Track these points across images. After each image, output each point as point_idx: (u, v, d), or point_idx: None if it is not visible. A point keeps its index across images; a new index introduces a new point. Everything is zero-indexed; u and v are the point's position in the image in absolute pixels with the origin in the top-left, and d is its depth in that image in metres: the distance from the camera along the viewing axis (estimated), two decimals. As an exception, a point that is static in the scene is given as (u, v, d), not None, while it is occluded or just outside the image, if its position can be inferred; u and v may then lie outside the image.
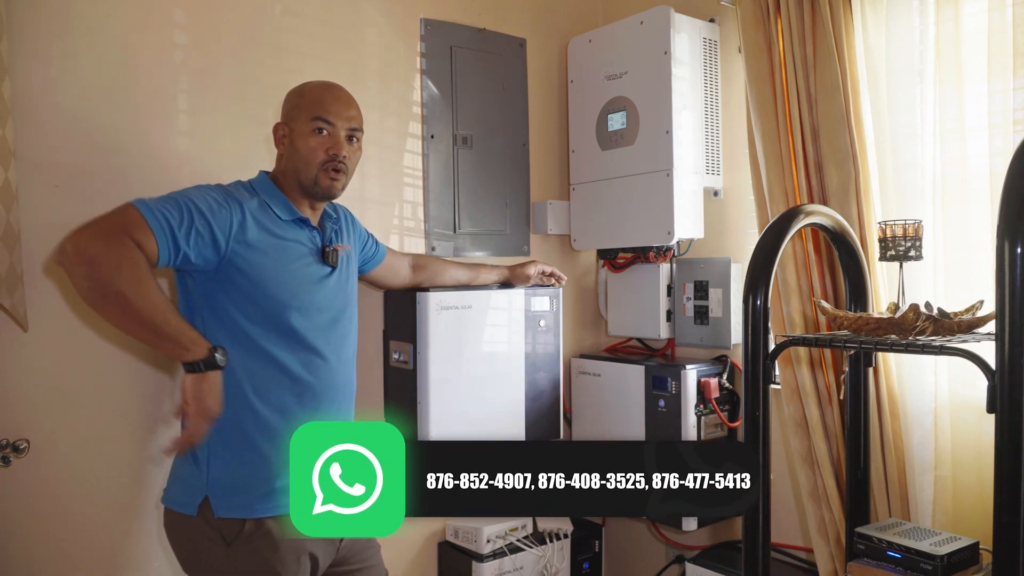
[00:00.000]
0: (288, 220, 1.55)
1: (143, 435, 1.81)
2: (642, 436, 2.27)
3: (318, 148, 1.54)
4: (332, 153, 1.55)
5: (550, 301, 2.29)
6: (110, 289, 1.32)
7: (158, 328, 1.36)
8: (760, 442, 1.46)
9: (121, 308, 1.34)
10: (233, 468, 1.46)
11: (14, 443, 1.62)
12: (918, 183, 1.80)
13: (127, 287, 1.32)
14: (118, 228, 1.33)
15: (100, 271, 1.31)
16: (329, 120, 1.55)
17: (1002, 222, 1.16)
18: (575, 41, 2.50)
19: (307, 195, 1.59)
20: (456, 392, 2.09)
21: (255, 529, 1.45)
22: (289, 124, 1.58)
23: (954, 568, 1.42)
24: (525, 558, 2.25)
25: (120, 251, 1.32)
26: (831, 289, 1.95)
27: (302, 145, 1.55)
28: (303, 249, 1.56)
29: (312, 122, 1.54)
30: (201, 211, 1.41)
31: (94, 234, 1.32)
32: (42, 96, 1.67)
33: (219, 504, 1.45)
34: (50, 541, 1.69)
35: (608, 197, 2.38)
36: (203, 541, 1.46)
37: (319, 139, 1.55)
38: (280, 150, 1.60)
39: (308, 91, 1.59)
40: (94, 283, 1.32)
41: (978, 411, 1.69)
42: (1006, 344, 1.17)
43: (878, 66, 1.86)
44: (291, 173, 1.57)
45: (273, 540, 1.46)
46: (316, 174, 1.55)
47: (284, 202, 1.56)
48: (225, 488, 1.46)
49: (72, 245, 1.31)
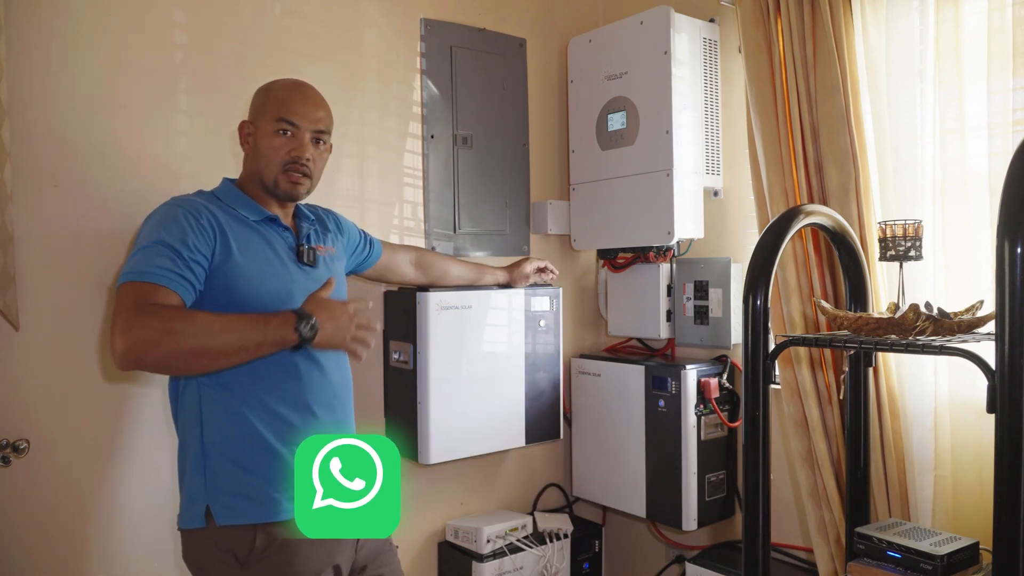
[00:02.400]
0: (257, 220, 1.52)
1: (143, 435, 1.81)
2: (642, 436, 2.27)
3: (280, 148, 1.51)
4: (295, 155, 1.51)
5: (550, 301, 2.29)
6: (185, 353, 1.29)
7: (246, 346, 1.33)
8: (760, 442, 1.46)
9: (208, 356, 1.31)
10: (231, 476, 1.42)
11: (14, 443, 1.62)
12: (918, 183, 1.80)
13: (193, 340, 1.29)
14: (137, 307, 1.28)
15: (163, 349, 1.27)
16: (294, 122, 1.51)
17: (1002, 222, 1.16)
18: (575, 41, 2.50)
19: (271, 196, 1.56)
20: (456, 392, 2.09)
21: (267, 545, 1.41)
22: (255, 123, 1.54)
23: (954, 568, 1.42)
24: (525, 558, 2.25)
25: (156, 321, 1.28)
26: (831, 289, 1.95)
27: (265, 145, 1.52)
28: (277, 248, 1.53)
29: (276, 123, 1.51)
30: (186, 244, 1.37)
31: (126, 329, 1.26)
32: (40, 97, 1.67)
33: (220, 512, 1.41)
34: (50, 541, 1.69)
35: (608, 197, 2.38)
36: (217, 564, 1.41)
37: (282, 140, 1.51)
38: (245, 149, 1.57)
39: (275, 90, 1.56)
40: (171, 360, 1.30)
41: (978, 411, 1.69)
42: (1006, 344, 1.17)
43: (878, 66, 1.86)
44: (255, 173, 1.54)
45: (287, 557, 1.42)
46: (276, 175, 1.52)
47: (250, 204, 1.53)
48: (224, 495, 1.42)
49: (122, 354, 1.26)
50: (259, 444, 1.44)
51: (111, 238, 1.75)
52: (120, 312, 1.28)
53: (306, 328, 1.37)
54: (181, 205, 1.44)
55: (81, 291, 1.72)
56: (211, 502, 1.42)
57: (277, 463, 1.44)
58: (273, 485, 1.43)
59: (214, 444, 1.44)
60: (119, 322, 1.27)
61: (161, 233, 1.37)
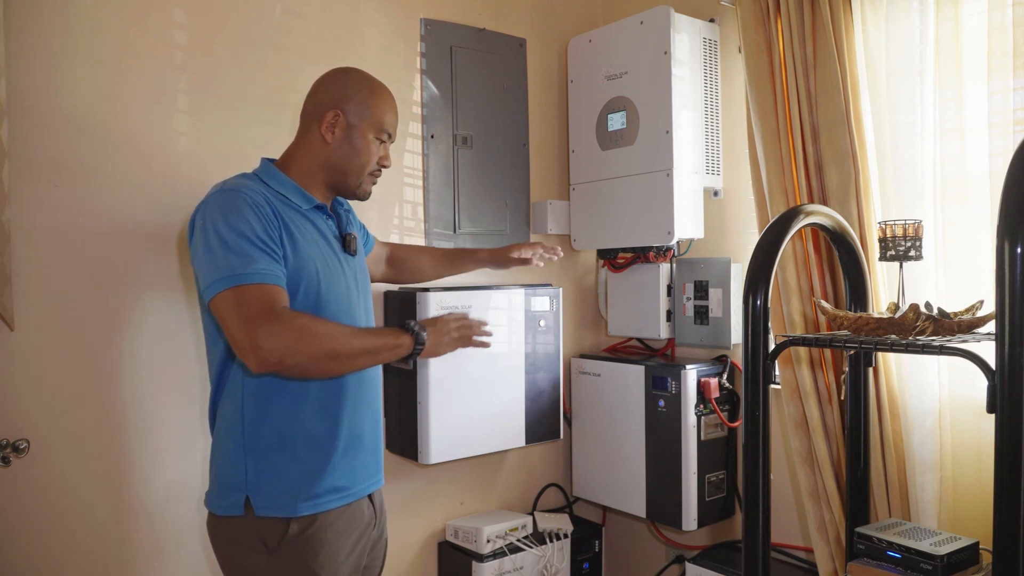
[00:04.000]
0: (308, 208, 1.52)
1: (143, 434, 1.81)
2: (642, 436, 2.27)
3: (375, 155, 1.56)
4: (384, 163, 1.59)
5: (550, 301, 2.29)
6: (321, 356, 1.35)
7: (369, 350, 1.44)
8: (760, 442, 1.46)
9: (339, 360, 1.39)
10: (272, 467, 1.43)
11: (14, 443, 1.62)
12: (918, 183, 1.80)
13: (329, 343, 1.36)
14: (269, 311, 1.31)
15: (303, 353, 1.32)
16: (391, 135, 1.59)
17: (1002, 222, 1.16)
18: (575, 41, 2.50)
19: (335, 191, 1.57)
20: (456, 392, 2.09)
21: (298, 534, 1.42)
22: (349, 117, 1.53)
23: (954, 568, 1.42)
24: (525, 558, 2.25)
25: (295, 325, 1.33)
26: (831, 289, 1.95)
27: (362, 147, 1.54)
28: (328, 237, 1.54)
29: (380, 132, 1.55)
30: (270, 237, 1.39)
31: (268, 333, 1.29)
32: (39, 96, 1.67)
33: (260, 503, 1.41)
34: (50, 541, 1.69)
35: (608, 197, 2.38)
36: (244, 549, 1.42)
37: (377, 147, 1.56)
38: (328, 137, 1.52)
39: (379, 95, 1.57)
40: (308, 362, 1.34)
41: (978, 411, 1.69)
42: (1006, 344, 1.17)
43: (878, 66, 1.86)
44: (335, 167, 1.54)
45: (315, 546, 1.43)
46: (363, 179, 1.57)
47: (299, 191, 1.52)
48: (265, 487, 1.42)
49: (265, 358, 1.29)
50: (304, 437, 1.45)
51: (109, 238, 1.75)
52: (252, 316, 1.30)
53: (419, 343, 1.51)
54: (240, 193, 1.42)
55: (78, 291, 1.72)
56: (252, 493, 1.42)
57: (321, 457, 1.46)
58: (315, 478, 1.45)
59: (260, 435, 1.44)
60: (256, 326, 1.29)
61: (242, 228, 1.37)
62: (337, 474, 1.48)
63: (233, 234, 1.36)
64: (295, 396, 1.45)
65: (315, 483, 1.45)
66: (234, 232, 1.36)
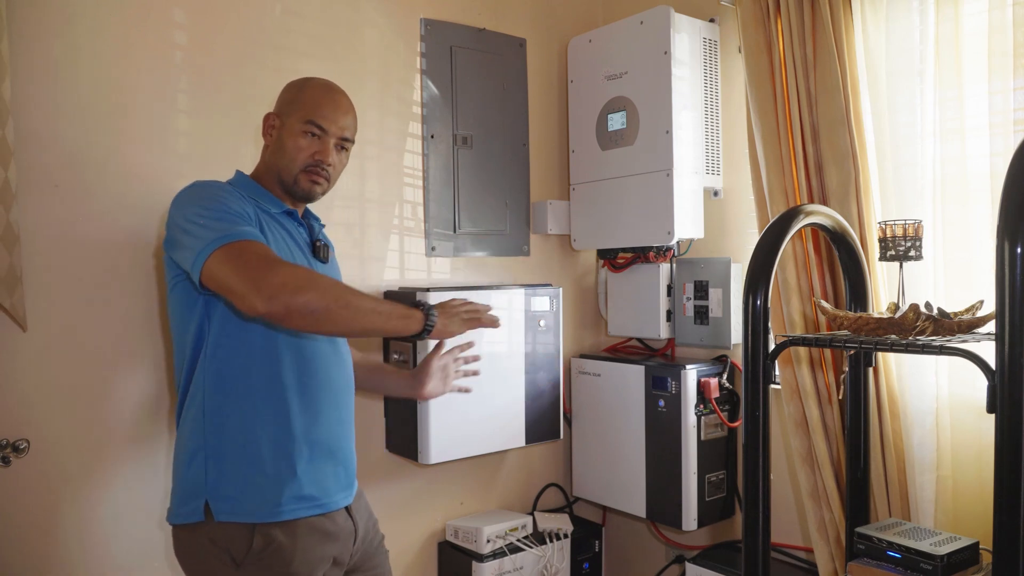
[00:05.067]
0: (278, 212, 1.53)
1: (143, 435, 1.81)
2: (642, 436, 2.27)
3: (305, 149, 1.52)
4: (318, 158, 1.53)
5: (550, 301, 2.29)
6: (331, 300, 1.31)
7: (380, 312, 1.41)
8: (760, 442, 1.46)
9: (350, 310, 1.35)
10: (234, 470, 1.41)
11: (14, 443, 1.62)
12: (918, 183, 1.80)
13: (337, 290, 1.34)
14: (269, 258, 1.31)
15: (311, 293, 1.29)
16: (322, 126, 1.52)
17: (1002, 222, 1.16)
18: (575, 41, 2.50)
19: (289, 193, 1.56)
20: (456, 392, 2.09)
21: (264, 546, 1.39)
22: (281, 117, 1.54)
23: (954, 568, 1.42)
24: (525, 558, 2.25)
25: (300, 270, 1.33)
26: (831, 289, 1.95)
27: (290, 143, 1.52)
28: (298, 241, 1.54)
29: (305, 124, 1.51)
30: (240, 215, 1.39)
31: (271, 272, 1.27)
32: (42, 96, 1.67)
33: (220, 508, 1.39)
34: (49, 541, 1.69)
35: (608, 197, 2.38)
36: (211, 561, 1.40)
37: (307, 141, 1.52)
38: (267, 141, 1.56)
39: (309, 89, 1.56)
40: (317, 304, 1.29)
41: (978, 411, 1.69)
42: (1006, 344, 1.17)
43: (878, 66, 1.86)
44: (274, 168, 1.55)
45: (284, 558, 1.40)
46: (297, 174, 1.53)
47: (269, 196, 1.54)
48: (226, 491, 1.40)
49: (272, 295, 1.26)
50: (267, 441, 1.42)
51: (113, 237, 1.75)
52: (254, 262, 1.28)
53: (430, 321, 1.48)
54: (214, 183, 1.43)
55: (85, 291, 1.72)
56: (211, 497, 1.39)
57: (283, 462, 1.43)
58: (277, 485, 1.42)
59: (221, 439, 1.41)
60: (261, 267, 1.27)
61: (222, 206, 1.37)
62: (305, 482, 1.44)
63: (213, 210, 1.36)
64: (258, 398, 1.42)
65: (280, 490, 1.41)
66: (214, 209, 1.37)
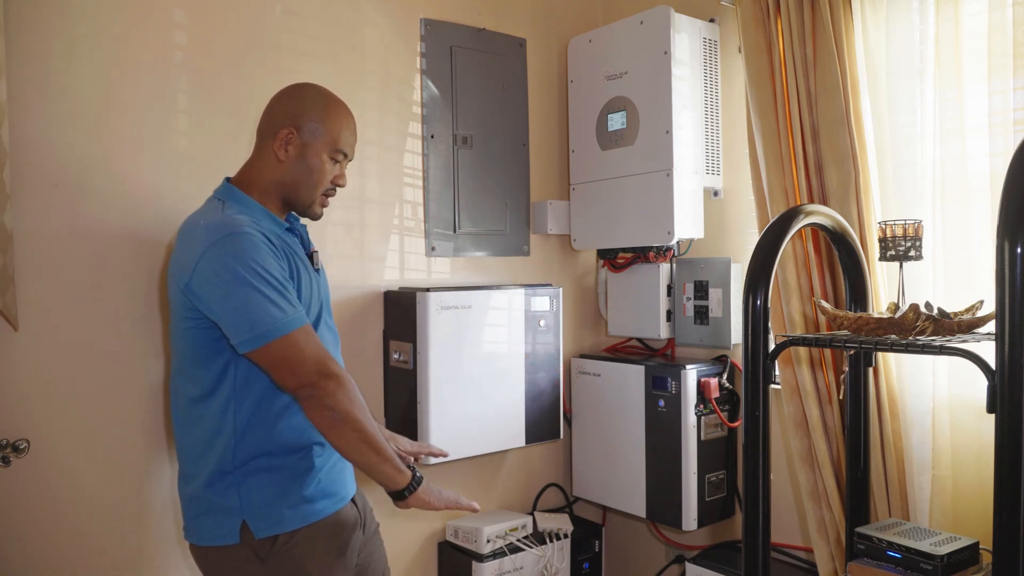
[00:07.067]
0: (281, 232, 1.51)
1: (143, 435, 1.81)
2: (642, 436, 2.27)
3: (329, 174, 1.54)
4: (337, 183, 1.56)
5: (550, 301, 2.29)
6: (354, 417, 1.38)
7: (378, 452, 1.42)
8: (760, 442, 1.46)
9: (358, 432, 1.39)
10: (264, 487, 1.43)
11: (14, 443, 1.62)
12: (918, 183, 1.80)
13: (360, 414, 1.39)
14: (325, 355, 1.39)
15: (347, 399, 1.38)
16: (347, 154, 1.55)
17: (1002, 222, 1.16)
18: (575, 41, 2.50)
19: (289, 207, 1.55)
20: (456, 392, 2.09)
21: (288, 540, 1.42)
22: (303, 136, 1.50)
23: (954, 568, 1.42)
24: (525, 558, 2.25)
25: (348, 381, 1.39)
26: (831, 289, 1.95)
27: (316, 166, 1.51)
28: (302, 256, 1.54)
29: (334, 152, 1.52)
30: (281, 282, 1.40)
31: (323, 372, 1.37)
32: (39, 96, 1.67)
33: (258, 526, 1.41)
34: (49, 541, 1.69)
35: (608, 197, 2.38)
36: (238, 563, 1.42)
37: (331, 167, 1.53)
38: (281, 156, 1.50)
39: (334, 113, 1.53)
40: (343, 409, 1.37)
41: (978, 411, 1.69)
42: (1006, 344, 1.17)
43: (878, 66, 1.86)
44: (288, 185, 1.51)
45: (307, 550, 1.43)
46: (316, 198, 1.54)
47: (271, 216, 1.51)
48: (260, 508, 1.42)
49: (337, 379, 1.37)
50: (294, 448, 1.45)
51: (110, 237, 1.75)
52: (319, 358, 1.38)
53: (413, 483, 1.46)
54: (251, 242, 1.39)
55: (80, 291, 1.72)
56: (248, 516, 1.41)
57: (310, 465, 1.46)
58: (308, 488, 1.45)
59: (249, 456, 1.43)
60: (324, 368, 1.37)
61: (268, 272, 1.38)
62: (325, 479, 1.48)
63: (258, 278, 1.36)
64: (278, 413, 1.45)
65: (305, 491, 1.45)
66: (258, 276, 1.37)
